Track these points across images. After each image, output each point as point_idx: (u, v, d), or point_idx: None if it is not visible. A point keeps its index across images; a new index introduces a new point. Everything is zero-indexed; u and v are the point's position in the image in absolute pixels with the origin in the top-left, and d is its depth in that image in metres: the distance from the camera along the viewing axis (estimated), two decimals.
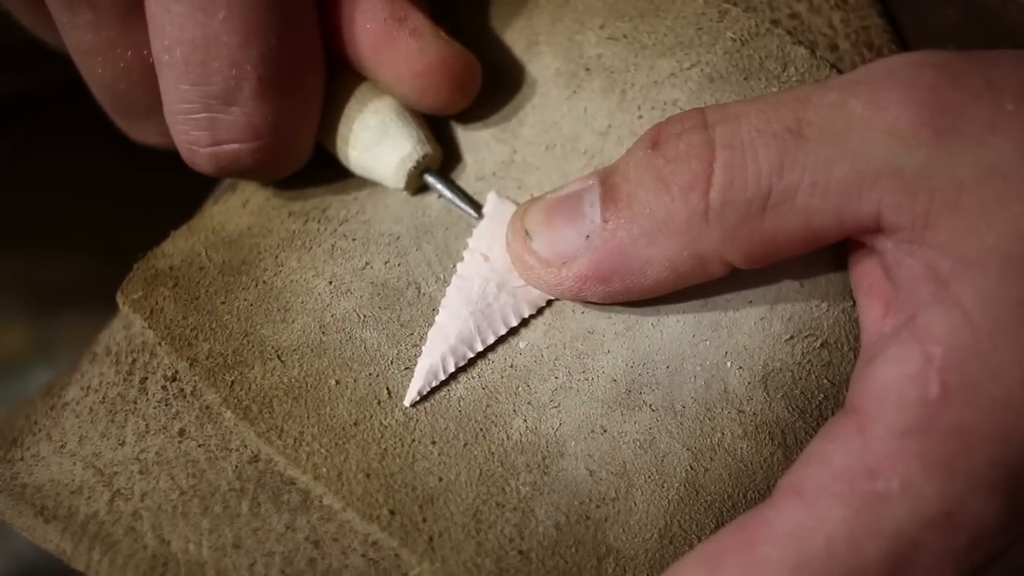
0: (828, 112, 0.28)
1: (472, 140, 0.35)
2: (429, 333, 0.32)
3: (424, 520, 0.29)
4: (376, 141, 0.34)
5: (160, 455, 0.31)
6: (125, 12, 0.32)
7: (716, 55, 0.33)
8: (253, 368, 0.31)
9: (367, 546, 0.30)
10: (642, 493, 0.30)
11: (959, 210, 0.27)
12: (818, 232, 0.28)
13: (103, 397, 0.33)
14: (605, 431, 0.31)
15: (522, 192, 0.34)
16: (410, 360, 0.32)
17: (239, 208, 0.36)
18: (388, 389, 0.31)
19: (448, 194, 0.34)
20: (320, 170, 0.35)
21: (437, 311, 0.32)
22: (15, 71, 0.59)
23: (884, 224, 0.28)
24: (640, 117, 0.33)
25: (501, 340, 0.32)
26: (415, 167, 0.34)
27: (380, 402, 0.31)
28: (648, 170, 0.29)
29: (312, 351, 0.32)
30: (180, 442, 0.31)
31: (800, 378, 0.32)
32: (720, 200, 0.28)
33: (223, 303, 0.33)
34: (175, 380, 0.32)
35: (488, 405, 0.31)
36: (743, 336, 0.31)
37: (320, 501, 0.30)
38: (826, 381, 0.32)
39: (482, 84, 0.34)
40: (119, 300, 0.33)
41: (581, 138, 0.34)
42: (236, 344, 0.32)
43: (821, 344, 0.32)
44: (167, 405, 0.32)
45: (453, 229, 0.34)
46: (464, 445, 0.31)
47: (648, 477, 0.30)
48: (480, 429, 0.31)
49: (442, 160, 0.35)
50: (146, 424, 0.32)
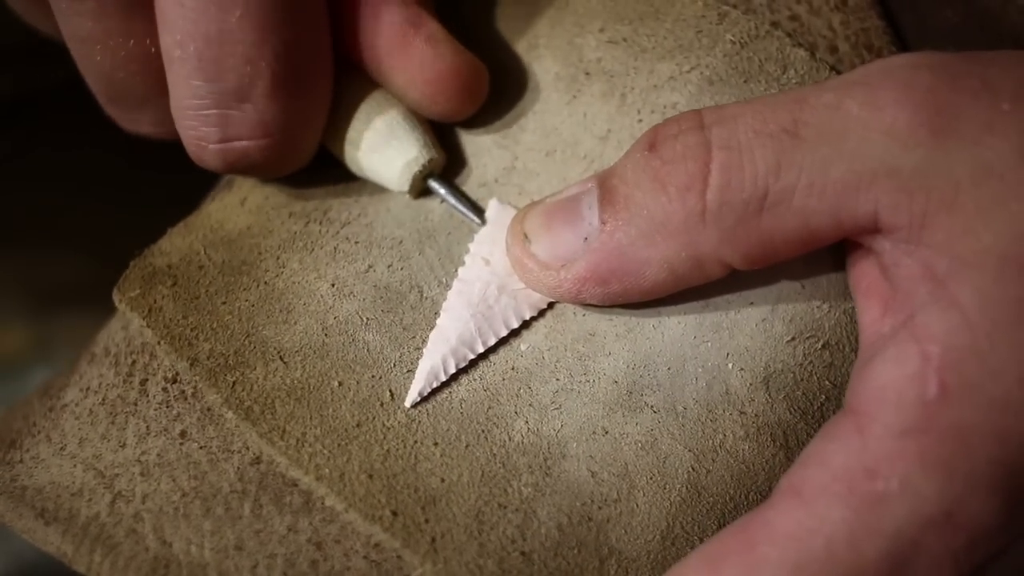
0: (825, 113, 0.28)
1: (475, 146, 0.35)
2: (430, 335, 0.32)
3: (426, 521, 0.29)
4: (382, 144, 0.34)
5: (161, 457, 0.31)
6: (128, 1, 0.31)
7: (716, 58, 0.33)
8: (255, 369, 0.31)
9: (369, 548, 0.30)
10: (644, 494, 0.30)
11: (956, 210, 0.27)
12: (815, 233, 0.28)
13: (103, 399, 0.33)
14: (607, 432, 0.31)
15: (523, 198, 0.34)
16: (412, 363, 0.32)
17: (237, 206, 0.36)
18: (391, 391, 0.31)
19: (451, 199, 0.34)
20: (319, 171, 0.35)
21: (439, 314, 0.33)
22: (15, 71, 0.59)
23: (881, 224, 0.28)
24: (640, 121, 0.33)
25: (502, 342, 0.32)
26: (420, 171, 0.34)
27: (383, 404, 0.31)
28: (645, 172, 0.29)
29: (315, 353, 0.32)
30: (181, 444, 0.31)
31: (802, 379, 0.32)
32: (717, 201, 0.28)
33: (224, 303, 0.33)
34: (176, 382, 0.32)
35: (490, 407, 0.31)
36: (744, 337, 0.31)
37: (322, 503, 0.30)
38: (828, 382, 0.32)
39: None
40: (115, 298, 0.33)
41: (581, 143, 0.34)
42: (238, 344, 0.32)
43: (823, 345, 0.32)
44: (168, 407, 0.32)
45: (455, 234, 0.34)
46: (466, 446, 0.31)
47: (650, 478, 0.30)
48: (482, 431, 0.31)
49: (445, 165, 0.35)
50: (147, 426, 0.32)
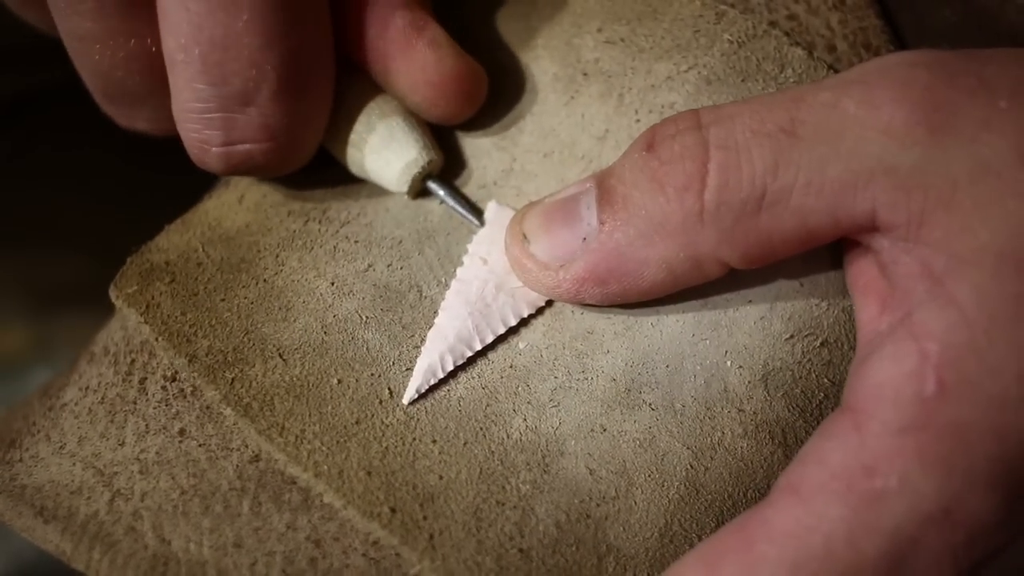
0: (822, 111, 0.28)
1: (474, 148, 0.35)
2: (428, 333, 0.32)
3: (425, 518, 0.29)
4: (382, 145, 0.34)
5: (160, 455, 0.31)
6: (128, 1, 0.31)
7: (713, 57, 0.33)
8: (254, 366, 0.31)
9: (368, 545, 0.30)
10: (642, 492, 0.30)
11: (954, 207, 0.27)
12: (814, 231, 0.28)
13: (102, 398, 0.33)
14: (605, 430, 0.31)
15: (521, 199, 0.34)
16: (411, 361, 0.32)
17: (235, 204, 0.36)
18: (390, 389, 0.31)
19: (450, 201, 0.34)
20: (318, 170, 0.35)
21: (438, 313, 0.33)
22: (15, 71, 0.59)
23: (879, 222, 0.28)
24: (638, 121, 0.33)
25: (500, 340, 0.32)
26: (419, 173, 0.34)
27: (382, 401, 0.31)
28: (643, 172, 0.29)
29: (314, 350, 0.32)
30: (180, 442, 0.31)
31: (800, 377, 0.32)
32: (715, 201, 0.28)
33: (223, 300, 0.33)
34: (175, 380, 0.32)
35: (488, 404, 0.31)
36: (743, 335, 0.31)
37: (321, 500, 0.30)
38: (826, 380, 0.32)
39: None
40: (112, 295, 0.33)
41: (579, 144, 0.34)
42: (236, 342, 0.32)
43: (821, 343, 0.32)
44: (167, 405, 0.32)
45: (455, 235, 0.34)
46: (464, 444, 0.31)
47: (648, 476, 0.30)
48: (480, 428, 0.31)
49: (444, 167, 0.35)
50: (146, 424, 0.32)
